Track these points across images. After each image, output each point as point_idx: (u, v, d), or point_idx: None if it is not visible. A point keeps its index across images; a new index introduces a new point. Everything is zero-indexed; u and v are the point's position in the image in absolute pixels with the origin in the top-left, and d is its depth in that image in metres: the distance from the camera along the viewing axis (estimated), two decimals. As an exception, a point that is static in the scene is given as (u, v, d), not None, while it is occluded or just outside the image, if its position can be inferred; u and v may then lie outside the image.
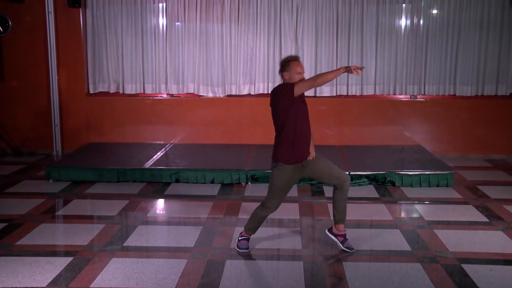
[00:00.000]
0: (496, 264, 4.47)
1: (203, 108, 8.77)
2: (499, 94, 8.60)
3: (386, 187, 6.78)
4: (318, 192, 6.56)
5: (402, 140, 8.61)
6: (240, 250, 4.65)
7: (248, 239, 4.71)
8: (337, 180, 4.54)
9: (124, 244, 4.88)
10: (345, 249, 4.64)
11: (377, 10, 8.46)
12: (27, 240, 4.98)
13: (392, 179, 6.82)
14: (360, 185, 6.80)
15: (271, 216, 4.71)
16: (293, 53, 8.50)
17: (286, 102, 4.32)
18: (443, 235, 5.11)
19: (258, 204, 4.63)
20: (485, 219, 5.61)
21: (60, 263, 4.42)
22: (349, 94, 8.69)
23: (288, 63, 4.38)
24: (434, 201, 6.33)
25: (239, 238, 4.72)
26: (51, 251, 4.73)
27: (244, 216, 5.71)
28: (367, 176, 6.86)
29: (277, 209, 4.61)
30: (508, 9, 8.35)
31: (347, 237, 4.70)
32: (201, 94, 8.75)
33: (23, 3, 8.40)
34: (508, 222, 5.50)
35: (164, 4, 8.59)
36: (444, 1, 8.42)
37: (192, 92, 8.77)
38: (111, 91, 8.82)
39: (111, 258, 4.54)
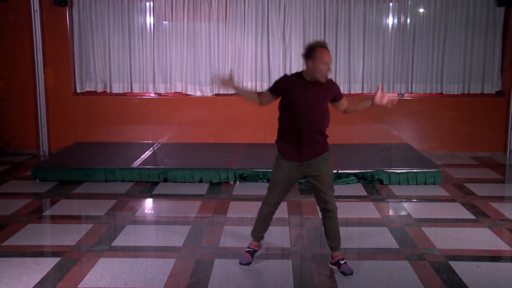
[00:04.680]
0: (483, 260, 4.51)
1: (191, 107, 8.75)
2: (485, 92, 8.68)
3: (374, 185, 6.81)
4: (306, 191, 6.57)
5: (390, 139, 8.66)
6: (241, 265, 4.32)
7: (252, 252, 4.37)
8: (323, 204, 4.17)
9: (112, 244, 4.85)
10: (340, 274, 4.19)
11: (364, 8, 8.50)
12: (13, 240, 4.93)
13: (380, 177, 6.85)
14: (348, 183, 6.82)
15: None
16: (281, 52, 8.52)
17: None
18: (431, 232, 5.14)
19: (246, 202, 4.61)
20: (472, 217, 5.66)
21: (47, 264, 4.38)
22: (337, 92, 8.69)
23: (313, 50, 3.92)
24: (422, 199, 6.37)
25: (245, 250, 4.40)
26: (38, 252, 4.69)
27: (233, 215, 5.71)
28: (355, 175, 6.89)
29: (276, 207, 4.31)
30: (493, 8, 8.43)
31: (341, 262, 4.23)
32: (189, 93, 8.73)
33: (7, 1, 8.32)
34: (494, 219, 5.55)
35: (152, 3, 8.55)
36: (430, 0, 8.48)
37: (180, 91, 8.75)
38: (98, 91, 8.77)
39: (99, 258, 4.51)
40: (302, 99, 4.01)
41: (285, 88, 4.08)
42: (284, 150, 4.15)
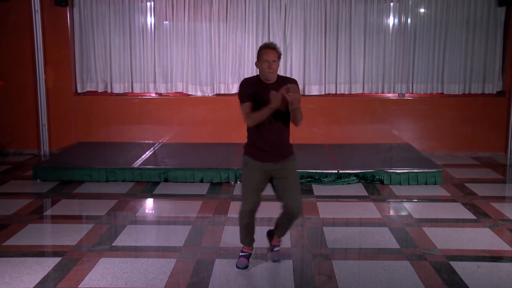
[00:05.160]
0: (483, 261, 4.51)
1: (192, 107, 8.75)
2: (486, 92, 8.67)
3: (374, 185, 6.81)
4: (306, 191, 6.57)
5: (391, 139, 8.66)
6: (238, 269, 4.32)
7: (247, 256, 4.38)
8: (289, 209, 4.15)
9: (113, 244, 4.86)
10: (269, 259, 4.45)
11: (365, 8, 8.49)
12: (14, 240, 4.94)
13: (380, 177, 6.85)
14: (349, 183, 6.82)
15: (261, 215, 4.67)
16: (282, 52, 8.50)
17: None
18: (431, 232, 5.14)
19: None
20: (473, 217, 5.66)
21: (48, 264, 4.39)
22: (338, 92, 8.71)
23: (258, 52, 4.04)
24: (422, 199, 6.37)
25: (239, 254, 4.40)
26: (39, 252, 4.70)
27: (233, 215, 5.70)
28: (355, 175, 6.89)
29: (253, 214, 4.20)
30: (494, 8, 8.42)
31: (275, 249, 4.47)
32: (190, 93, 8.73)
33: (8, 1, 8.32)
34: (495, 219, 5.55)
35: (152, 3, 8.55)
36: (431, 0, 8.48)
37: (181, 91, 8.75)
38: (99, 91, 8.77)
39: (100, 258, 4.52)
40: (266, 101, 3.93)
41: (252, 92, 4.01)
42: (252, 152, 4.12)
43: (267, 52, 3.98)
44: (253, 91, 4.01)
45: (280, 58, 4.05)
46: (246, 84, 4.09)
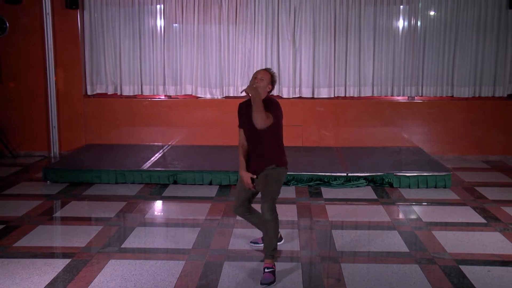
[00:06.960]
0: (494, 265, 4.48)
1: (201, 109, 8.76)
2: (496, 95, 8.62)
3: (384, 189, 6.79)
4: (316, 194, 6.56)
5: (400, 142, 8.62)
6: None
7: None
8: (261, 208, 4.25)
9: (122, 246, 4.87)
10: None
11: (374, 11, 8.48)
12: (24, 242, 4.97)
13: (390, 181, 6.82)
14: (358, 186, 6.80)
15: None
16: (291, 54, 8.53)
17: None
18: (441, 236, 5.11)
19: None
20: (483, 220, 5.62)
21: (57, 265, 4.41)
22: (347, 95, 8.70)
23: None
24: (432, 202, 6.34)
25: None
26: (49, 253, 4.72)
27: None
28: (365, 178, 6.86)
29: (236, 213, 4.62)
30: (505, 11, 8.38)
31: (266, 270, 4.14)
32: (199, 95, 8.75)
33: (20, 4, 8.39)
34: (506, 223, 5.51)
35: (162, 5, 8.59)
36: (441, 2, 8.45)
37: (190, 93, 8.77)
38: (108, 93, 8.82)
39: (109, 260, 4.53)
40: (246, 121, 4.32)
41: (238, 114, 4.46)
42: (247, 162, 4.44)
43: (259, 71, 4.35)
44: (242, 114, 4.40)
45: (273, 83, 4.33)
46: (239, 109, 4.48)
